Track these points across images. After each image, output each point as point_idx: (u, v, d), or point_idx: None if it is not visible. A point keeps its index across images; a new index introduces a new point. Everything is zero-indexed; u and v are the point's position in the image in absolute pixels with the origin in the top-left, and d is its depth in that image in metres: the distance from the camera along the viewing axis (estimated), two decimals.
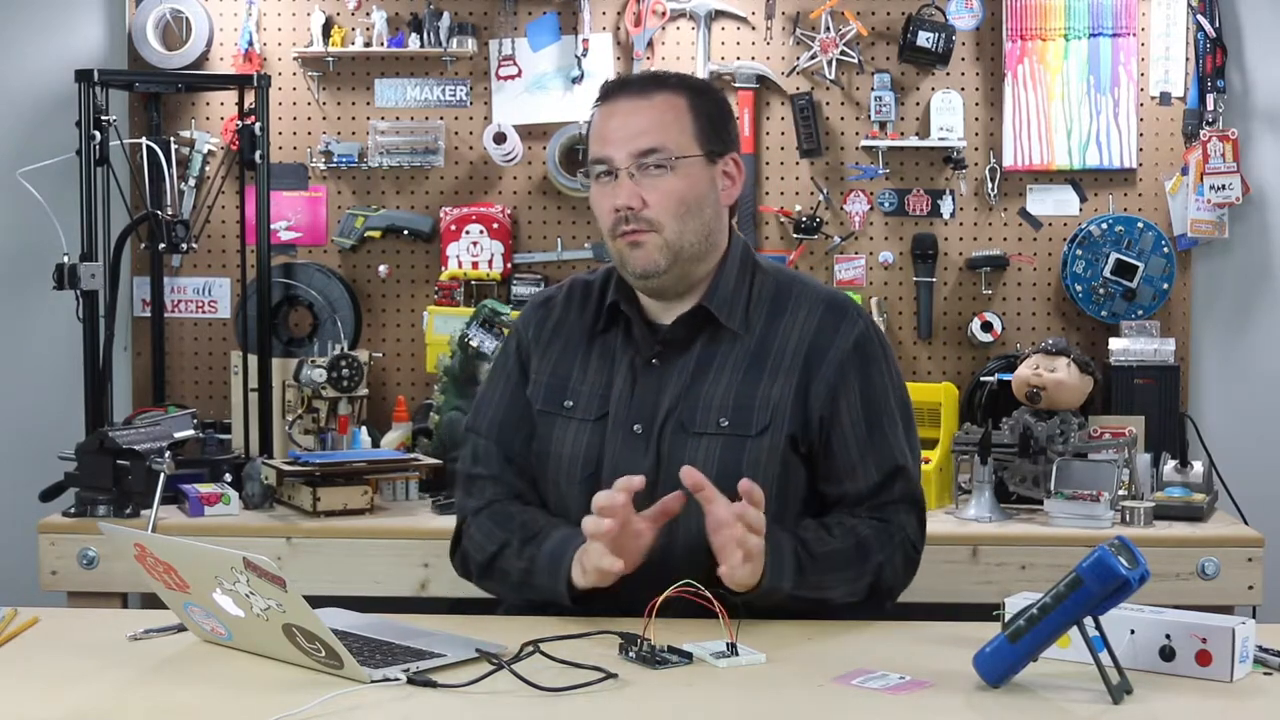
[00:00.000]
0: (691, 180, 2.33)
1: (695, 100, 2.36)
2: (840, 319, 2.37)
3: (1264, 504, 3.63)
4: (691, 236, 2.33)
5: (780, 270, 2.48)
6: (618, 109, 2.35)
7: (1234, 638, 1.92)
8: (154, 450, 3.19)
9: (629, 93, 2.36)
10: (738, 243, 2.43)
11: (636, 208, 2.30)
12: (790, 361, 2.35)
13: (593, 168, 2.35)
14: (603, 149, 2.34)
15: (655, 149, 2.31)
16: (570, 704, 1.84)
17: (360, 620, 2.17)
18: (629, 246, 2.32)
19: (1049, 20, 3.87)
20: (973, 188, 3.92)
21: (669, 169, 2.31)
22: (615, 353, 2.40)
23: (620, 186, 2.31)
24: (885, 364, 2.39)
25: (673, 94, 2.36)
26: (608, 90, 2.40)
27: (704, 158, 2.34)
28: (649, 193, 2.31)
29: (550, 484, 2.40)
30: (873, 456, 2.34)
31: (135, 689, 1.95)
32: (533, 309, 2.52)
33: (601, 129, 2.35)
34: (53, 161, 3.65)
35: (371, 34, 3.90)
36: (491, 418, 2.45)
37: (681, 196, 2.32)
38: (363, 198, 3.98)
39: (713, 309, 2.36)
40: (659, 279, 2.33)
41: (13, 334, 4.01)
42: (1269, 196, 3.91)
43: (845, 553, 2.28)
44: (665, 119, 2.33)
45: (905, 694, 1.89)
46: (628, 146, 2.31)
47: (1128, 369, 3.70)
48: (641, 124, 2.32)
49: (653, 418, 2.34)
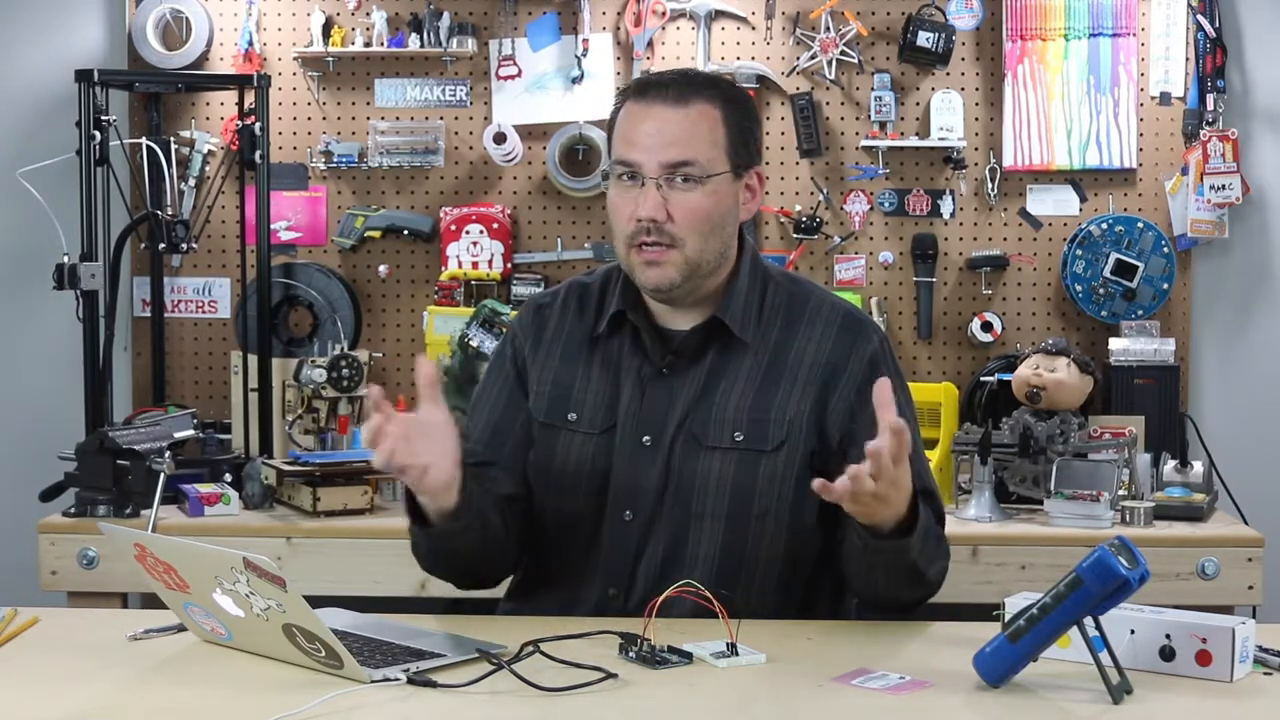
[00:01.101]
0: (719, 197, 2.26)
1: (729, 111, 2.29)
2: (856, 335, 2.32)
3: (1264, 504, 3.63)
4: (711, 255, 2.27)
5: (791, 279, 2.42)
6: (651, 113, 2.26)
7: (1234, 638, 1.91)
8: (154, 450, 3.20)
9: (664, 98, 2.26)
10: (748, 251, 2.37)
11: (661, 220, 2.23)
12: (806, 376, 2.30)
13: (615, 168, 2.28)
14: (630, 152, 2.25)
15: (687, 163, 2.23)
16: (570, 704, 1.84)
17: (360, 620, 2.17)
18: (645, 264, 2.25)
19: (1049, 20, 3.87)
20: (973, 188, 3.92)
21: (697, 184, 2.24)
22: (620, 361, 2.34)
23: (646, 196, 2.23)
24: (900, 381, 2.33)
25: (708, 104, 2.27)
26: (641, 88, 2.30)
27: (731, 173, 2.28)
28: (675, 207, 2.23)
29: (554, 497, 2.34)
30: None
31: (135, 689, 1.95)
32: (529, 315, 2.45)
33: (630, 130, 2.27)
34: (53, 161, 3.66)
35: (371, 34, 3.90)
36: (484, 424, 2.40)
37: (708, 214, 2.25)
38: (363, 198, 3.98)
39: (726, 320, 2.31)
40: (672, 293, 2.28)
41: (13, 334, 4.01)
42: (1269, 196, 3.91)
43: (936, 534, 2.22)
44: (699, 130, 2.25)
45: (905, 694, 1.89)
46: (658, 156, 2.23)
47: (1128, 369, 3.70)
48: (674, 133, 2.24)
49: (663, 429, 2.29)
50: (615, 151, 2.29)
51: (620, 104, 2.32)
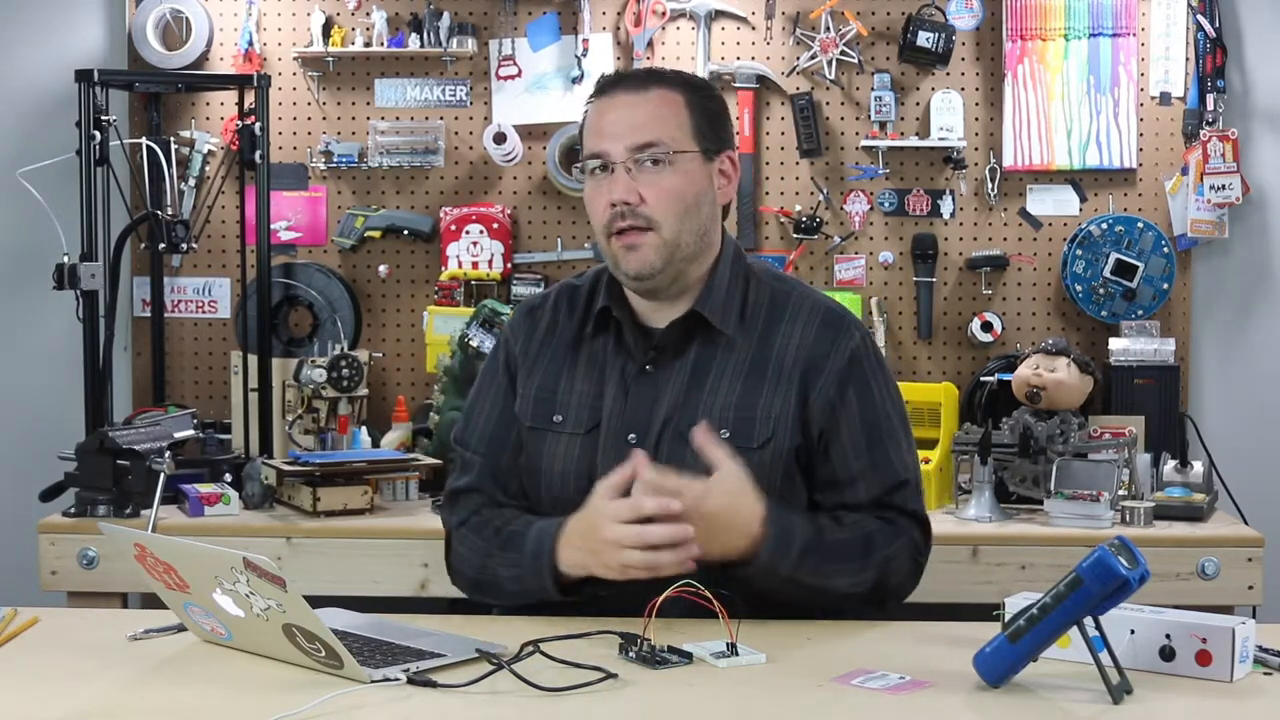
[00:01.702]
0: (690, 177, 2.30)
1: (692, 96, 2.33)
2: (837, 331, 2.35)
3: (1264, 504, 3.63)
4: (688, 235, 2.30)
5: (774, 275, 2.45)
6: (614, 103, 2.32)
7: (1234, 638, 1.92)
8: (154, 450, 3.19)
9: (625, 87, 2.33)
10: (730, 244, 2.40)
11: (634, 202, 2.26)
12: (789, 373, 2.32)
13: (588, 163, 2.32)
14: (599, 143, 2.30)
15: (652, 143, 2.28)
16: (570, 704, 1.84)
17: (360, 620, 2.17)
18: (624, 249, 2.28)
19: (1049, 20, 3.87)
20: (973, 188, 3.92)
21: (667, 164, 2.28)
22: (605, 360, 2.36)
23: (616, 181, 2.28)
24: (883, 376, 2.37)
25: (669, 89, 2.32)
26: (603, 85, 2.36)
27: (701, 154, 2.31)
28: (646, 189, 2.27)
29: (543, 501, 2.36)
30: (874, 470, 2.31)
31: (135, 689, 1.95)
32: (521, 317, 2.47)
33: (597, 123, 2.32)
34: (53, 161, 3.65)
35: (371, 34, 3.90)
36: (480, 431, 2.41)
37: (680, 193, 2.29)
38: (363, 198, 3.98)
39: (705, 313, 2.33)
40: (654, 280, 2.30)
41: (13, 334, 4.01)
42: (1269, 196, 3.91)
43: (853, 543, 2.26)
44: (662, 113, 2.30)
45: (905, 694, 1.89)
46: (624, 140, 2.28)
47: (1128, 369, 3.70)
48: (638, 118, 2.29)
49: (648, 427, 2.30)
50: (586, 147, 2.34)
51: (588, 105, 2.37)
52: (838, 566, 2.25)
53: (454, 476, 2.45)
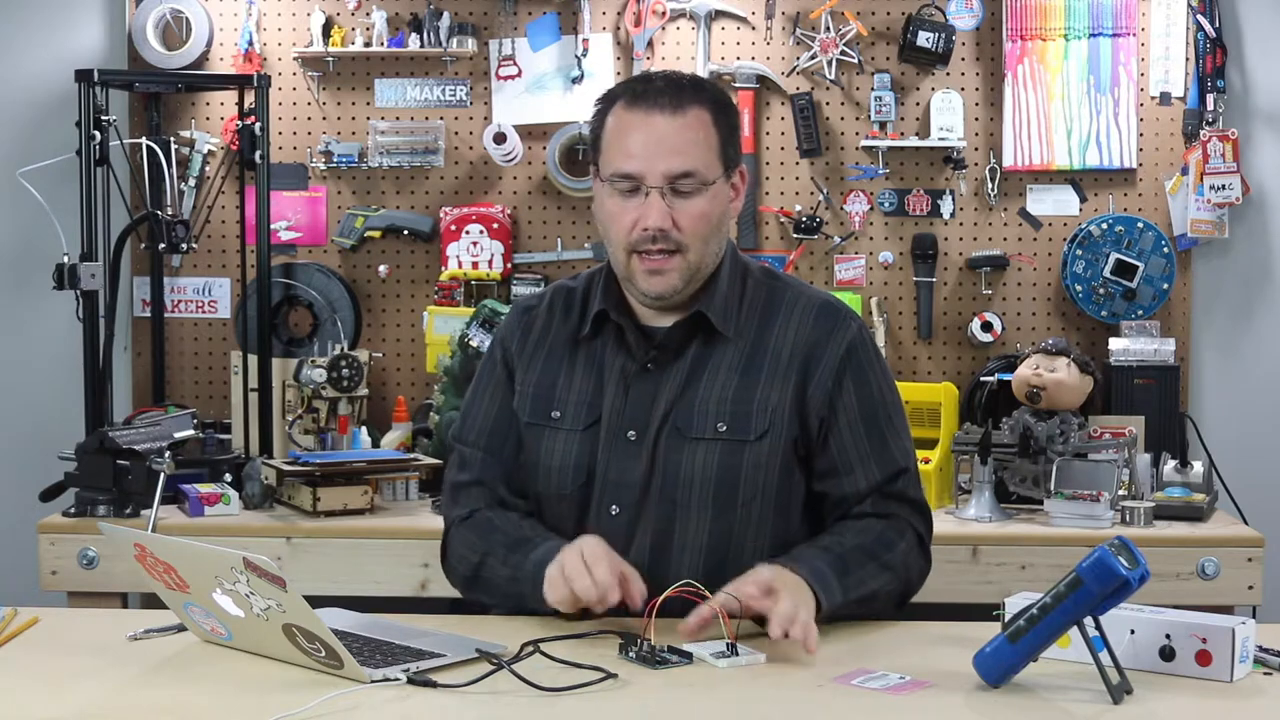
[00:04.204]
0: (718, 200, 2.30)
1: (719, 115, 2.30)
2: (834, 323, 2.35)
3: (1264, 504, 3.63)
4: (711, 256, 2.31)
5: (769, 273, 2.45)
6: (649, 123, 2.26)
7: (1234, 638, 1.92)
8: (154, 450, 3.20)
9: (659, 106, 2.26)
10: (728, 246, 2.40)
11: (668, 229, 2.25)
12: (786, 365, 2.33)
13: (614, 180, 2.28)
14: (630, 164, 2.25)
15: (690, 173, 2.25)
16: (570, 704, 1.84)
17: (360, 620, 2.17)
18: (648, 273, 2.27)
19: (1049, 20, 3.87)
20: (973, 188, 3.92)
21: (699, 192, 2.26)
22: (603, 359, 2.36)
23: (651, 207, 2.24)
24: (879, 365, 2.38)
25: (700, 108, 2.28)
26: (632, 95, 2.30)
27: (724, 175, 2.31)
28: (680, 215, 2.25)
29: (541, 496, 2.37)
30: (874, 459, 2.33)
31: (135, 689, 1.95)
32: (516, 317, 2.47)
33: (626, 141, 2.27)
34: (53, 161, 3.66)
35: (371, 34, 3.90)
36: (480, 427, 2.42)
37: (709, 217, 2.28)
38: (363, 198, 3.98)
39: (711, 316, 2.33)
40: (673, 300, 2.31)
41: (13, 334, 4.01)
42: (1269, 196, 3.91)
43: (868, 546, 2.27)
44: (697, 139, 2.26)
45: (905, 694, 1.89)
46: (660, 166, 2.24)
47: (1128, 369, 3.70)
48: (675, 143, 2.25)
49: (647, 424, 2.31)
50: (613, 162, 2.28)
51: (606, 108, 2.32)
52: (868, 570, 2.25)
53: (454, 471, 2.45)
